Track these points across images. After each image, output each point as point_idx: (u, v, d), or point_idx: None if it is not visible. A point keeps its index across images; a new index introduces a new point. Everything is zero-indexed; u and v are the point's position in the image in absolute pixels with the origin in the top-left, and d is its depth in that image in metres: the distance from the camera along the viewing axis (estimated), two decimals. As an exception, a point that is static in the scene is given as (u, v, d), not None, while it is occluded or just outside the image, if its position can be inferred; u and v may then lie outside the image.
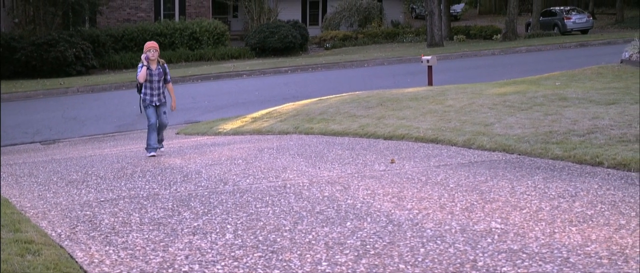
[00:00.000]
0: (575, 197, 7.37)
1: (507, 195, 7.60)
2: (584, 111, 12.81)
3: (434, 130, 12.41)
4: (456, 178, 8.64)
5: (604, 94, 15.02)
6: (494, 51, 38.04)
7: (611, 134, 10.60)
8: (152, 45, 12.38)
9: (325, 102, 17.75)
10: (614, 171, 8.73)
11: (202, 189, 8.84)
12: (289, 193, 8.29)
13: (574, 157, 9.49)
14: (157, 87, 12.47)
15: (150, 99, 12.50)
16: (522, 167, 9.27)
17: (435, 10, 43.31)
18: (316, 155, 11.19)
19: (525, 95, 15.24)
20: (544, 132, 11.19)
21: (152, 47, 12.33)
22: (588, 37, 44.43)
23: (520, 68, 27.12)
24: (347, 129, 13.90)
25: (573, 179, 8.30)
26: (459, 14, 66.32)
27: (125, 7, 46.79)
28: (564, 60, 29.50)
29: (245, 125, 16.82)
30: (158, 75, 12.43)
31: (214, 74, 32.76)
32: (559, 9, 52.68)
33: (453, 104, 15.12)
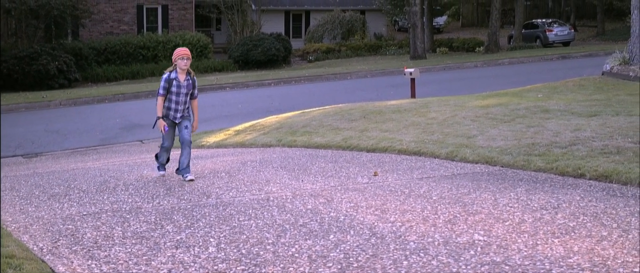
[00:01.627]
0: (558, 209, 7.39)
1: (490, 207, 7.62)
2: (566, 123, 12.86)
3: (416, 143, 12.43)
4: (439, 190, 8.65)
5: (586, 105, 15.09)
6: (477, 63, 38.16)
7: (593, 145, 10.64)
8: (184, 53, 10.65)
9: (309, 115, 17.75)
10: (595, 183, 8.76)
11: (185, 202, 8.83)
12: (272, 206, 8.28)
13: (556, 169, 9.53)
14: (183, 101, 10.69)
15: (174, 114, 10.69)
16: (505, 179, 9.29)
17: (417, 23, 43.44)
18: (299, 168, 11.19)
19: (507, 108, 15.29)
20: (527, 144, 11.23)
21: (184, 55, 10.61)
22: (570, 50, 44.65)
23: (502, 80, 27.22)
24: (330, 142, 13.91)
25: (555, 191, 8.32)
26: (441, 26, 66.51)
27: (108, 20, 46.72)
28: (546, 72, 29.63)
29: (229, 138, 16.80)
30: (186, 87, 10.66)
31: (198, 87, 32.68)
32: (540, 22, 52.93)
33: (436, 116, 15.15)
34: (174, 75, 10.60)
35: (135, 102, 28.80)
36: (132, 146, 18.40)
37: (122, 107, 26.90)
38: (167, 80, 10.57)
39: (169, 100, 10.61)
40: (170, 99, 10.60)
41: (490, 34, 47.21)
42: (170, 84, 10.53)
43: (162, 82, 10.59)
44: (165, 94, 10.56)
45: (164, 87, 10.54)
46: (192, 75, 10.85)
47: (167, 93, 10.56)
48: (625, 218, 6.94)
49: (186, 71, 10.69)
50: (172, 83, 10.54)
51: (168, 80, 10.56)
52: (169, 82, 10.55)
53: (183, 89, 10.61)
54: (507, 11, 63.92)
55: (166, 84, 10.55)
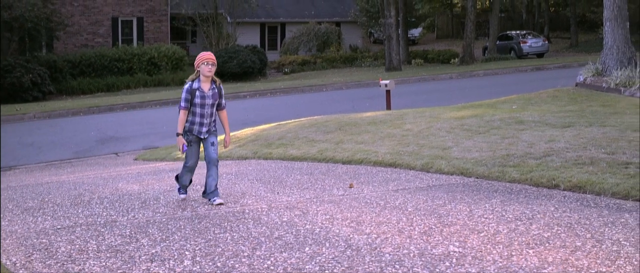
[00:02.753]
0: (532, 220, 7.43)
1: (465, 218, 7.64)
2: (540, 134, 12.93)
3: (392, 154, 12.45)
4: (414, 202, 8.67)
5: (560, 117, 15.18)
6: (452, 75, 38.31)
7: (567, 156, 10.71)
8: (209, 57, 9.32)
9: (284, 127, 17.75)
10: (569, 193, 8.82)
11: (160, 215, 8.79)
12: (248, 218, 8.27)
13: (531, 180, 9.58)
14: (209, 114, 9.42)
15: (199, 128, 9.40)
16: (480, 190, 9.32)
17: (393, 35, 43.56)
18: (275, 180, 11.18)
19: (482, 119, 15.35)
20: (501, 155, 11.28)
21: (209, 60, 9.28)
22: (544, 61, 44.93)
23: (477, 92, 27.33)
24: (305, 154, 13.90)
25: (530, 202, 8.37)
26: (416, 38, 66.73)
27: (82, 32, 46.56)
28: (520, 83, 29.78)
29: (204, 150, 16.75)
30: (212, 97, 9.39)
31: (173, 99, 32.61)
32: (515, 33, 53.22)
33: (411, 128, 15.19)
34: (196, 84, 9.29)
35: (110, 114, 28.67)
36: (107, 159, 18.32)
37: (97, 120, 26.77)
38: (189, 90, 9.27)
39: (193, 114, 9.33)
40: (193, 112, 9.32)
41: (465, 45, 47.42)
42: (193, 95, 9.25)
43: (183, 94, 9.29)
44: (188, 106, 9.29)
45: (185, 99, 9.25)
46: (218, 83, 9.52)
47: (191, 105, 9.30)
48: (599, 228, 6.98)
49: (210, 79, 9.39)
50: (195, 94, 9.25)
51: (190, 91, 9.27)
52: (191, 93, 9.26)
53: (208, 100, 9.33)
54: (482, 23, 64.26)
55: (188, 95, 9.26)
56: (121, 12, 47.92)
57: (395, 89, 22.48)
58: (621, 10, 21.64)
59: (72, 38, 45.93)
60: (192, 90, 9.30)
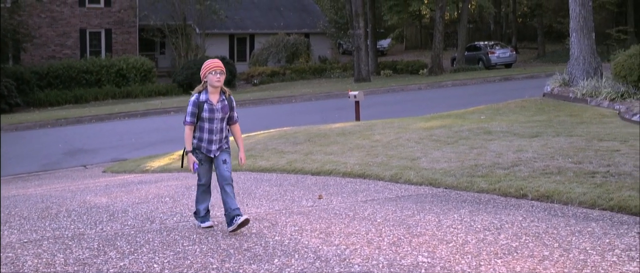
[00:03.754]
0: (501, 230, 7.46)
1: (434, 228, 7.66)
2: (508, 144, 13.01)
3: (361, 165, 12.47)
4: (383, 213, 8.68)
5: (528, 127, 15.29)
6: (420, 86, 38.46)
7: (534, 166, 10.78)
8: (216, 65, 8.26)
9: (253, 138, 17.73)
10: (537, 203, 8.87)
11: (128, 228, 8.74)
12: (217, 230, 8.24)
13: (499, 190, 9.63)
14: (219, 129, 8.33)
15: (208, 146, 8.33)
16: (449, 200, 9.36)
17: (362, 46, 43.67)
18: (244, 192, 11.16)
19: (451, 129, 15.42)
20: (470, 165, 11.33)
21: (217, 68, 8.23)
22: (512, 71, 45.24)
23: (446, 102, 27.45)
24: (274, 165, 13.90)
25: (498, 212, 8.40)
26: (385, 49, 66.96)
27: (50, 43, 46.30)
28: (488, 94, 29.96)
29: (173, 162, 16.69)
30: (222, 110, 8.32)
31: (142, 111, 32.50)
32: (483, 44, 53.55)
33: (380, 138, 15.22)
34: (204, 96, 8.24)
35: (78, 126, 28.50)
36: (75, 171, 18.19)
37: (64, 132, 26.60)
38: (195, 103, 8.23)
39: (201, 129, 8.28)
40: (201, 127, 8.27)
41: (433, 56, 47.64)
42: (201, 109, 8.22)
43: (189, 107, 8.29)
44: (195, 121, 8.26)
45: (192, 112, 8.24)
46: (227, 93, 8.46)
47: (198, 120, 8.27)
48: (566, 237, 7.02)
49: (219, 90, 8.33)
50: (202, 107, 8.22)
51: (197, 104, 8.23)
52: (198, 106, 8.23)
53: (218, 113, 8.27)
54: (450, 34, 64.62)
55: (195, 108, 8.23)
56: (89, 23, 47.71)
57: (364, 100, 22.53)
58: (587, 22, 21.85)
59: (40, 50, 45.66)
60: (200, 103, 8.21)
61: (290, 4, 59.14)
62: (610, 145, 12.31)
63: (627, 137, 13.21)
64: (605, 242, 6.80)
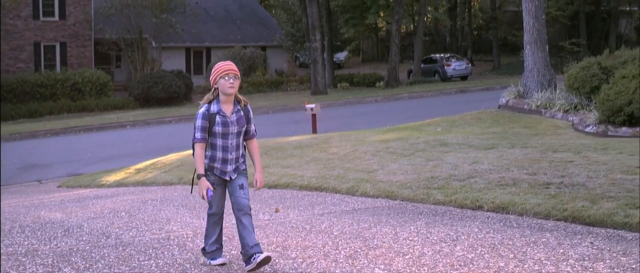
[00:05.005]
0: (457, 241, 7.50)
1: (391, 241, 7.68)
2: (464, 156, 13.10)
3: (318, 178, 12.48)
4: (340, 225, 8.69)
5: (483, 138, 15.41)
6: (377, 98, 38.61)
7: (490, 177, 10.86)
8: (229, 68, 6.92)
9: (210, 152, 17.65)
10: (493, 214, 8.93)
11: (83, 244, 8.66)
12: (173, 245, 8.20)
13: (455, 202, 9.68)
14: (235, 146, 6.99)
15: (222, 166, 6.97)
16: (405, 212, 9.39)
17: (318, 59, 43.75)
18: (200, 206, 11.10)
19: (407, 142, 15.49)
20: (426, 177, 11.39)
21: (229, 71, 6.89)
22: (467, 84, 45.61)
23: (402, 114, 27.58)
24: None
25: (454, 223, 8.45)
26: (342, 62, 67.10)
27: (3, 57, 45.80)
28: (444, 106, 30.15)
29: (129, 176, 16.59)
30: (238, 123, 6.98)
31: (97, 125, 32.28)
32: (439, 56, 53.89)
33: (337, 151, 15.25)
34: (215, 107, 6.93)
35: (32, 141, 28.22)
36: (29, 186, 18.01)
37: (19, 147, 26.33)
38: (205, 116, 6.90)
39: (213, 147, 6.94)
40: (213, 144, 6.93)
41: (390, 69, 47.86)
42: (212, 121, 6.90)
43: (197, 121, 6.92)
44: (206, 137, 6.94)
45: (202, 127, 6.89)
46: (243, 102, 7.09)
47: (209, 135, 6.95)
48: (522, 248, 7.08)
49: (233, 98, 7.01)
50: (214, 120, 6.90)
51: (208, 116, 6.90)
52: (209, 119, 6.90)
53: (233, 127, 6.94)
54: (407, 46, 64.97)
55: (205, 122, 6.89)
56: (44, 37, 47.32)
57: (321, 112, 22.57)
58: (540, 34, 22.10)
59: (-7, 64, 45.18)
60: (211, 115, 6.90)
61: (246, 17, 59.10)
62: (564, 156, 12.45)
63: (580, 148, 13.37)
64: (560, 252, 6.87)
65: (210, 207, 7.17)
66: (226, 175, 6.96)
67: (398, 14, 47.66)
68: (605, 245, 7.06)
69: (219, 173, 6.96)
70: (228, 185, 7.04)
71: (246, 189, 7.02)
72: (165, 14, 48.62)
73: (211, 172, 6.96)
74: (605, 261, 6.50)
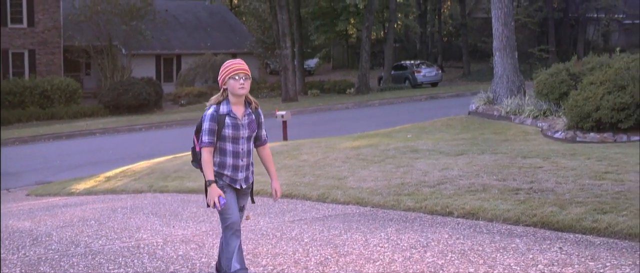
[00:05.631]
0: (427, 248, 7.52)
1: (361, 248, 7.69)
2: (434, 162, 13.14)
3: (288, 185, 12.46)
4: (311, 232, 8.69)
5: (453, 145, 15.46)
6: (348, 105, 38.66)
7: (460, 184, 10.90)
8: (239, 67, 6.36)
9: (180, 160, 17.61)
10: (463, 220, 8.96)
11: (52, 252, 8.60)
12: (143, 253, 8.16)
13: (425, 208, 9.70)
14: (246, 151, 6.44)
15: (232, 174, 6.40)
16: (376, 219, 9.40)
17: (289, 66, 43.75)
18: (171, 214, 11.07)
19: (377, 148, 15.52)
20: (396, 184, 11.41)
21: (240, 70, 6.33)
22: (437, 90, 45.78)
23: (373, 121, 27.63)
24: (202, 186, 13.65)
25: (425, 230, 8.47)
26: (312, 69, 67.14)
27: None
28: (415, 112, 30.24)
29: (99, 184, 16.50)
30: (249, 127, 6.42)
31: (67, 132, 32.07)
32: (409, 63, 54.07)
33: (307, 158, 15.25)
34: (225, 107, 6.33)
35: (1, 149, 27.99)
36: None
37: (-13, 155, 26.09)
38: (214, 117, 6.29)
39: (222, 153, 6.35)
40: (223, 149, 6.34)
41: (360, 75, 47.95)
42: (222, 123, 6.31)
43: (206, 123, 6.29)
44: (215, 141, 6.31)
45: (210, 130, 6.27)
46: (254, 105, 6.54)
47: (217, 139, 6.33)
48: (491, 254, 7.11)
49: (244, 100, 6.45)
50: (223, 122, 6.31)
51: (216, 118, 6.29)
52: (218, 121, 6.30)
53: (244, 131, 6.37)
54: (377, 53, 65.11)
55: (213, 123, 6.28)
56: (12, 44, 46.95)
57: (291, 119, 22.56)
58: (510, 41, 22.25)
59: (-40, 71, 44.79)
60: (219, 116, 6.30)
61: (216, 24, 59.02)
62: (533, 162, 12.52)
63: (549, 154, 13.45)
64: (529, 257, 6.90)
65: (226, 218, 6.34)
66: (237, 183, 6.40)
67: (368, 21, 47.82)
68: (573, 250, 7.11)
69: (229, 181, 6.37)
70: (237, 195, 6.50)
71: (244, 212, 6.66)
72: (135, 21, 48.45)
73: (220, 179, 6.34)
74: (573, 266, 6.54)
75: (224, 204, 6.18)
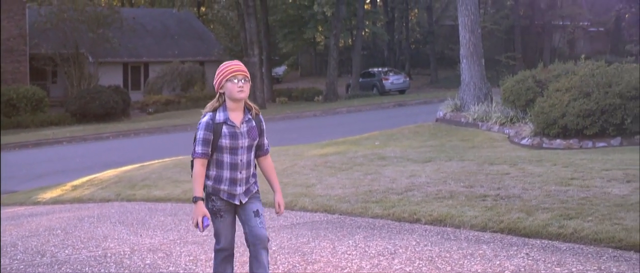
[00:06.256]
0: (395, 255, 7.54)
1: (329, 255, 7.69)
2: (402, 169, 13.17)
3: (257, 193, 12.43)
4: (278, 240, 8.68)
5: (421, 152, 15.52)
6: (316, 112, 38.68)
7: (427, 191, 10.94)
8: (237, 68, 5.80)
9: (148, 168, 17.53)
10: (430, 227, 8.99)
11: (17, 263, 8.52)
12: (110, 262, 8.11)
13: (393, 215, 9.72)
14: (245, 163, 5.88)
15: (230, 188, 5.83)
16: (343, 226, 9.40)
17: (256, 73, 43.73)
18: (138, 223, 11.01)
19: (345, 156, 15.54)
20: (364, 191, 11.43)
21: (238, 72, 5.78)
22: (405, 97, 45.96)
23: (341, 129, 27.66)
24: (169, 195, 13.75)
25: (392, 237, 8.49)
26: (280, 76, 67.16)
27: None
28: (382, 119, 30.32)
29: (66, 193, 16.37)
30: (249, 135, 5.86)
31: (33, 141, 31.82)
32: (377, 70, 54.22)
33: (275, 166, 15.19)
34: (222, 115, 5.79)
35: (-34, 158, 27.72)
36: (-38, 205, 17.66)
37: (-49, 165, 25.82)
38: (210, 126, 5.76)
39: (218, 165, 5.80)
40: (219, 161, 5.79)
41: (328, 83, 48.02)
42: (218, 133, 5.76)
43: (200, 133, 5.77)
44: (209, 152, 5.78)
45: (205, 140, 5.75)
46: (254, 111, 5.97)
47: (213, 151, 5.80)
48: (459, 260, 7.14)
49: (243, 106, 5.90)
50: (219, 131, 5.76)
51: (212, 126, 5.76)
52: (214, 130, 5.76)
53: (243, 140, 5.81)
54: (345, 60, 65.24)
55: (208, 133, 5.75)
56: (-24, 52, 46.57)
57: (259, 127, 22.49)
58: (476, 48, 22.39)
59: None
60: (216, 125, 5.76)
61: (184, 31, 58.85)
62: (500, 168, 12.59)
63: (516, 160, 13.54)
64: (496, 264, 6.94)
65: (218, 241, 5.90)
66: (235, 199, 5.78)
67: (336, 29, 47.92)
68: (540, 256, 7.15)
69: (226, 196, 5.77)
70: (238, 211, 5.88)
71: (262, 217, 5.88)
72: (102, 29, 48.21)
73: (217, 196, 5.77)
74: (540, 272, 6.58)
75: (207, 226, 5.61)
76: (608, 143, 16.17)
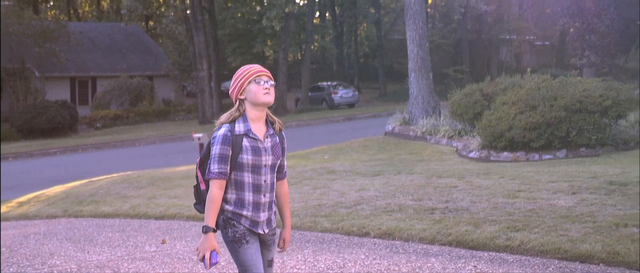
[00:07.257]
0: (344, 269, 7.54)
1: (278, 270, 7.68)
2: (351, 183, 13.20)
3: (205, 208, 12.37)
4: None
5: (370, 165, 15.56)
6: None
7: (376, 204, 10.97)
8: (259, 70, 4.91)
9: (96, 184, 17.37)
10: (379, 241, 9.01)
11: (-39, 281, 8.39)
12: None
13: (342, 229, 9.73)
14: (268, 184, 4.87)
15: (254, 214, 4.83)
16: (292, 241, 9.39)
17: (206, 88, 43.60)
18: (85, 239, 10.89)
19: (294, 170, 15.53)
20: (313, 205, 11.43)
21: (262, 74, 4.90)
22: (355, 111, 46.06)
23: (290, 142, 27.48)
24: (118, 210, 13.63)
25: (341, 251, 8.50)
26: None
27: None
28: (332, 133, 30.37)
29: (11, 210, 16.14)
30: (273, 152, 4.89)
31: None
32: (326, 84, 54.30)
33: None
34: (242, 126, 4.84)
35: None
36: None
37: None
38: (227, 139, 4.78)
39: (238, 186, 4.81)
40: (240, 181, 4.81)
41: (277, 97, 47.98)
42: (238, 147, 4.78)
43: (215, 147, 4.80)
44: (227, 171, 4.78)
45: (222, 155, 4.76)
46: (278, 126, 5.00)
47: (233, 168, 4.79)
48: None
49: (266, 117, 4.98)
50: (240, 144, 4.79)
51: (231, 139, 4.78)
52: (234, 144, 4.78)
53: (267, 156, 4.86)
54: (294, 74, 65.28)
55: (227, 147, 4.76)
56: None
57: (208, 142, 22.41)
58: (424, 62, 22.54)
59: None
60: (235, 137, 4.78)
61: (132, 46, 58.50)
62: (448, 181, 12.68)
63: (464, 173, 13.64)
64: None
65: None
66: (258, 227, 4.82)
67: (285, 43, 47.96)
68: (488, 268, 7.21)
69: (249, 224, 4.79)
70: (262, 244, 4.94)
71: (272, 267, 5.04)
72: (49, 43, 47.72)
73: (238, 222, 4.77)
74: (487, 284, 6.63)
75: (214, 264, 4.72)
76: (554, 156, 16.37)
